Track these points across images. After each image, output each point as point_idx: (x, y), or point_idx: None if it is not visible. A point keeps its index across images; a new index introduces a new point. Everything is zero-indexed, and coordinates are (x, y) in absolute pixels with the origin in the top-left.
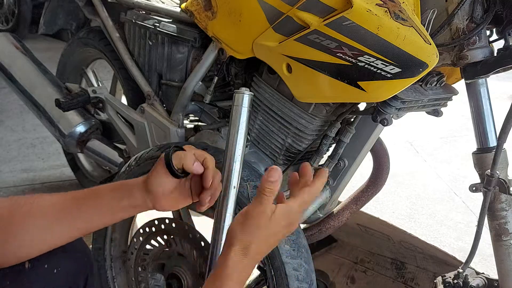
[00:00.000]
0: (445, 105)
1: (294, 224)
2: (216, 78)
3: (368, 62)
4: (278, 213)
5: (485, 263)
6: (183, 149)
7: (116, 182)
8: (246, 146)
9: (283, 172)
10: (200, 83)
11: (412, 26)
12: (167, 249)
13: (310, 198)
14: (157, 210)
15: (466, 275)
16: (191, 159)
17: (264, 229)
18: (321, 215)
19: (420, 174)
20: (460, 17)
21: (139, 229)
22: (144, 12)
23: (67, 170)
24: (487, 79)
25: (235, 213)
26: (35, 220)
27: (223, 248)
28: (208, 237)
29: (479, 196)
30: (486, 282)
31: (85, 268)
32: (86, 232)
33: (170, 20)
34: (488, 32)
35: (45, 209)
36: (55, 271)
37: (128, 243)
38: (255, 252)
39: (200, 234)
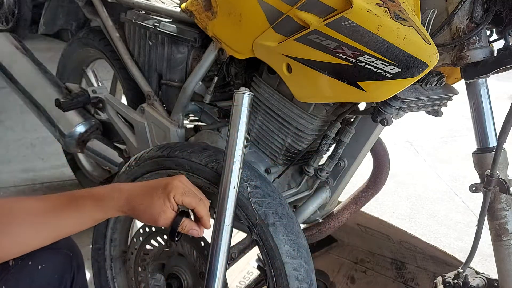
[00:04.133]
0: (445, 105)
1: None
2: (216, 78)
3: (368, 62)
4: None
5: (485, 263)
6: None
7: (98, 193)
8: (246, 146)
9: (283, 172)
10: (200, 83)
11: (412, 26)
12: (167, 249)
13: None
14: None
15: (466, 275)
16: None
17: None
18: (321, 215)
19: (420, 174)
20: (460, 17)
21: (139, 229)
22: (144, 12)
23: (67, 170)
24: (487, 79)
25: (235, 213)
26: (12, 227)
27: None
28: (208, 237)
29: (479, 196)
30: (486, 282)
31: (71, 264)
32: (62, 237)
33: (170, 20)
34: (488, 32)
35: (23, 216)
36: (39, 267)
37: (128, 243)
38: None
39: None
